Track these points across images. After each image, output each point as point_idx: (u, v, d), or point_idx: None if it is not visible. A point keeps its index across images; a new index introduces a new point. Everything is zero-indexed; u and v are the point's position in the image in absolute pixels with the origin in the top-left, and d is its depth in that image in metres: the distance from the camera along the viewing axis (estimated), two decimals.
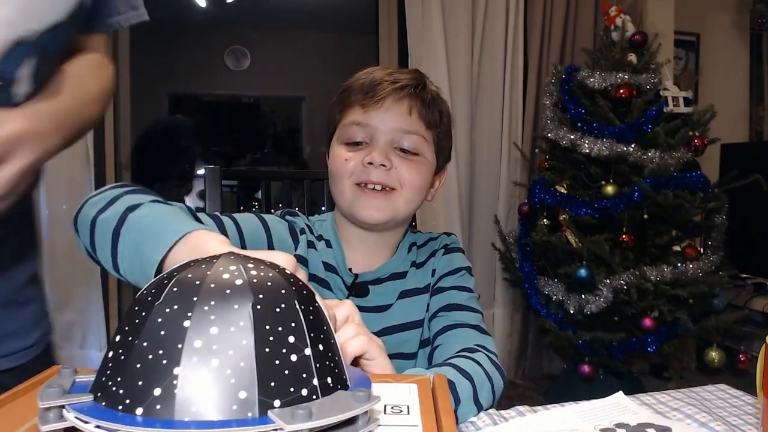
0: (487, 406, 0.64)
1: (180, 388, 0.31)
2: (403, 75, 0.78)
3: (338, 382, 0.36)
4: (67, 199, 1.97)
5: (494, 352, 0.71)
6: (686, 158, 1.97)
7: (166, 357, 0.32)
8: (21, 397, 0.40)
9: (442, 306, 0.79)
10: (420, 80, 0.78)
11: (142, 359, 0.32)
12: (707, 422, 0.58)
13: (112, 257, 0.54)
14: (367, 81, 0.77)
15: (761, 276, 2.58)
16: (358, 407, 0.32)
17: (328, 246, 0.80)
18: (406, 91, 0.76)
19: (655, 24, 2.54)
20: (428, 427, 0.35)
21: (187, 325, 0.32)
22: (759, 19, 3.15)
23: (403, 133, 0.75)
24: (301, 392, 0.33)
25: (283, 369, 0.32)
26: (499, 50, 2.46)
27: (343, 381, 0.37)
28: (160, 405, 0.31)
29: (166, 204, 0.58)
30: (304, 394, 0.33)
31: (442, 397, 0.40)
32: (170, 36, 4.20)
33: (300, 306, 0.35)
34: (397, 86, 0.75)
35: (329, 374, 0.35)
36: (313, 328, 0.35)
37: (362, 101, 0.75)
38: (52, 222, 1.94)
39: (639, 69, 2.05)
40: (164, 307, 0.33)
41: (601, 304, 1.88)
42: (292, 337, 0.33)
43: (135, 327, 0.33)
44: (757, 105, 3.36)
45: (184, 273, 0.35)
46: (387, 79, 0.76)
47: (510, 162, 2.50)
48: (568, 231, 1.99)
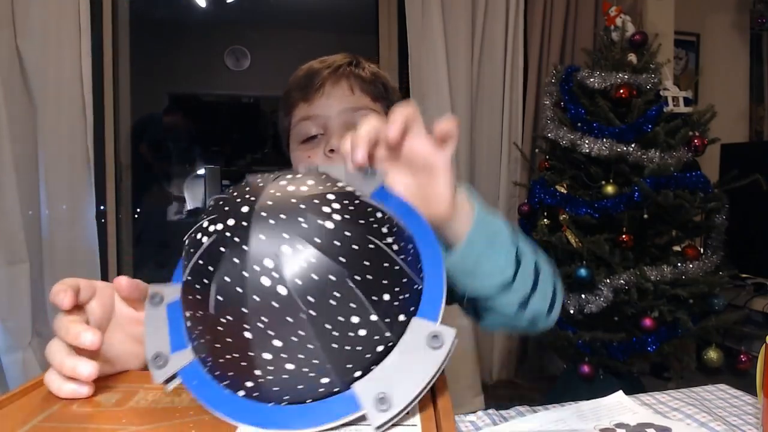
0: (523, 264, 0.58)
1: (267, 385, 0.34)
2: (335, 58, 0.77)
3: (411, 304, 0.36)
4: (67, 199, 1.96)
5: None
6: (686, 158, 1.96)
7: (243, 360, 0.34)
8: (20, 399, 0.40)
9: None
10: (353, 59, 0.78)
11: (222, 356, 0.35)
12: (707, 422, 0.58)
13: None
14: (302, 75, 0.76)
15: (761, 276, 2.58)
16: (434, 362, 0.33)
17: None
18: (341, 71, 0.75)
19: (655, 24, 2.53)
20: (427, 427, 0.35)
21: (249, 337, 0.33)
22: (759, 19, 3.15)
23: (352, 112, 0.73)
24: (376, 350, 0.34)
25: (355, 346, 0.33)
26: (499, 50, 2.45)
27: (415, 295, 0.36)
28: (257, 393, 0.34)
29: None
30: (380, 350, 0.34)
31: (441, 397, 0.40)
32: (170, 36, 4.20)
33: (354, 279, 0.33)
34: (331, 70, 0.75)
35: (400, 311, 0.35)
36: (374, 288, 0.34)
37: (303, 96, 0.75)
38: (52, 222, 1.94)
39: (639, 69, 2.05)
40: (224, 310, 0.33)
41: (601, 304, 1.88)
42: (355, 317, 0.33)
43: (207, 304, 0.34)
44: (757, 105, 3.35)
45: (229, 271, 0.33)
46: (319, 66, 0.76)
47: (510, 162, 2.50)
48: (568, 231, 1.99)
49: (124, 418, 0.37)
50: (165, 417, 0.37)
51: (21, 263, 1.87)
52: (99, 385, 0.42)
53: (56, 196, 1.95)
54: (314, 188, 0.35)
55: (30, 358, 1.90)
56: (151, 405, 0.39)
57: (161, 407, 0.39)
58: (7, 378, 1.87)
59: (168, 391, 0.40)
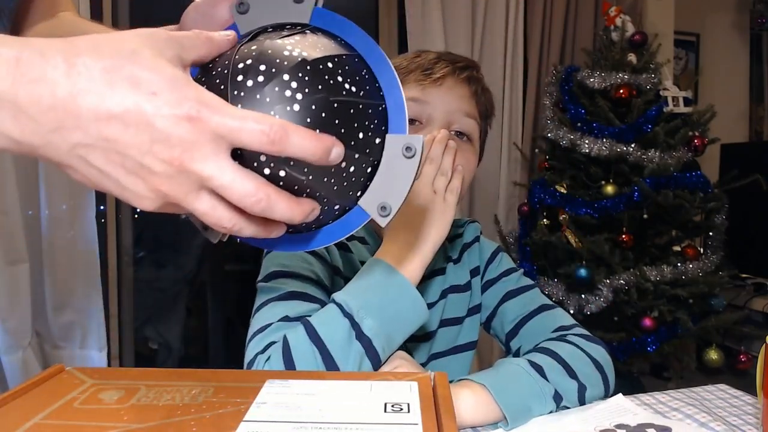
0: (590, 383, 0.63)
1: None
2: (459, 57, 0.74)
3: (381, 125, 0.40)
4: (67, 199, 1.96)
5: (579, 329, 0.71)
6: (686, 158, 1.97)
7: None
8: (21, 397, 0.40)
9: (501, 297, 0.78)
10: (476, 66, 0.75)
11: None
12: (707, 422, 0.58)
13: None
14: (423, 60, 0.72)
15: (761, 276, 2.58)
16: (412, 167, 0.39)
17: (363, 243, 0.76)
18: (467, 73, 0.72)
19: (654, 24, 2.53)
20: (428, 426, 0.35)
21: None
22: (759, 19, 3.15)
23: (463, 115, 0.71)
24: (367, 172, 0.39)
25: (350, 178, 0.38)
26: (499, 50, 2.45)
27: (382, 116, 0.40)
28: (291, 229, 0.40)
29: None
30: (369, 171, 0.39)
31: (442, 396, 0.40)
32: None
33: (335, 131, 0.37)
34: (458, 66, 0.71)
35: (375, 136, 0.39)
36: (347, 137, 0.37)
37: (420, 79, 0.70)
38: (52, 222, 1.94)
39: (639, 69, 2.05)
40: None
41: (601, 304, 1.88)
42: (342, 163, 0.37)
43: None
44: (757, 105, 3.35)
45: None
46: (445, 58, 0.72)
47: (510, 162, 2.50)
48: (568, 231, 1.99)
49: (125, 415, 0.37)
50: (166, 415, 0.38)
51: (21, 263, 1.87)
52: (100, 383, 0.42)
53: (56, 196, 1.95)
54: (270, 74, 0.36)
55: (30, 358, 1.90)
56: (153, 403, 0.39)
57: (162, 405, 0.39)
58: (7, 378, 1.87)
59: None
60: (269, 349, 0.58)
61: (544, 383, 0.60)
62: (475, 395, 0.57)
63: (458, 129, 0.71)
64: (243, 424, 0.36)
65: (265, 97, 0.35)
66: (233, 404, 0.39)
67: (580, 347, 0.66)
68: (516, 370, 0.61)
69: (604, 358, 0.66)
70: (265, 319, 0.62)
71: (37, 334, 1.94)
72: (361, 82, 0.39)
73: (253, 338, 0.60)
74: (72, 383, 0.43)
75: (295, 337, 0.57)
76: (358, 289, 0.59)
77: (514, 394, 0.58)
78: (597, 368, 0.65)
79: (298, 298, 0.64)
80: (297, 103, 0.35)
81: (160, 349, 2.43)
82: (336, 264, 0.72)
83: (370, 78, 0.40)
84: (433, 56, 0.72)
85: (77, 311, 2.01)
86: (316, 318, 0.58)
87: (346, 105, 0.37)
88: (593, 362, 0.65)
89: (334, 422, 0.36)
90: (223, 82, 0.35)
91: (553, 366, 0.62)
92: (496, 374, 0.60)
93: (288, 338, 0.57)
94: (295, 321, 0.60)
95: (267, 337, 0.60)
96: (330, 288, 0.69)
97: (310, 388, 0.42)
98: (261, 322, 0.62)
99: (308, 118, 0.35)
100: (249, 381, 0.43)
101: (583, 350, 0.66)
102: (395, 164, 0.39)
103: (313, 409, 0.38)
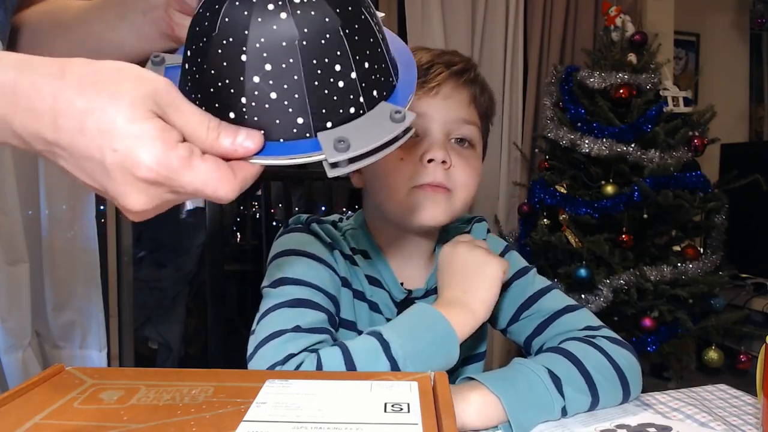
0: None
1: (248, 115, 0.38)
2: (455, 58, 0.70)
3: (384, 89, 0.41)
4: (67, 199, 1.96)
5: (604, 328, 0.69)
6: (686, 158, 1.97)
7: (232, 87, 0.37)
8: (21, 397, 0.40)
9: (522, 302, 0.74)
10: (473, 65, 0.71)
11: (213, 84, 0.38)
12: (707, 422, 0.58)
13: None
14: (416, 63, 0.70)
15: (761, 276, 2.58)
16: (392, 129, 0.38)
17: (366, 257, 0.72)
18: (465, 77, 0.68)
19: (654, 24, 2.54)
20: (428, 426, 0.35)
21: (244, 60, 0.36)
22: (759, 19, 3.15)
23: (462, 123, 0.68)
24: (349, 111, 0.39)
25: (332, 96, 0.38)
26: (499, 50, 2.45)
27: (389, 84, 0.42)
28: (239, 123, 0.38)
29: None
30: (352, 112, 0.39)
31: (442, 396, 0.40)
32: None
33: (345, 31, 0.38)
34: (454, 70, 0.67)
35: (375, 87, 0.40)
36: (358, 49, 0.38)
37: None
38: (52, 222, 1.94)
39: (639, 69, 2.05)
40: (220, 38, 0.37)
41: (601, 304, 1.88)
42: (338, 65, 0.37)
43: (201, 50, 0.38)
44: (757, 105, 3.36)
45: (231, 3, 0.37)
46: (439, 61, 0.67)
47: (510, 162, 2.50)
48: (568, 231, 1.99)
49: (125, 415, 0.37)
50: (166, 414, 0.38)
51: (21, 263, 1.86)
52: (100, 383, 0.42)
53: (56, 196, 1.95)
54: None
55: (30, 358, 1.90)
56: (153, 403, 0.39)
57: (162, 405, 0.39)
58: (7, 378, 1.87)
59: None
60: (291, 360, 0.57)
61: (558, 398, 0.58)
62: (485, 401, 0.56)
63: (458, 136, 0.69)
64: (243, 424, 0.36)
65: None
66: (233, 404, 0.39)
67: (607, 353, 0.63)
68: (534, 382, 0.58)
69: (629, 364, 0.64)
70: (276, 324, 0.60)
71: (37, 334, 1.94)
72: (386, 47, 0.41)
73: (266, 343, 0.59)
74: (72, 383, 0.43)
75: (330, 361, 0.55)
76: (409, 333, 0.58)
77: (527, 409, 0.57)
78: (619, 378, 0.62)
79: (306, 306, 0.62)
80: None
81: (160, 349, 2.42)
82: (344, 275, 0.70)
83: (393, 63, 0.43)
84: (427, 59, 0.68)
85: (77, 311, 2.01)
86: (356, 346, 0.57)
87: (370, 29, 0.39)
88: (617, 372, 0.62)
89: (334, 422, 0.36)
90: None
91: (572, 378, 0.60)
92: (512, 385, 0.58)
93: (322, 359, 0.56)
94: (310, 333, 0.59)
95: (284, 346, 0.58)
96: (336, 297, 0.67)
97: (310, 388, 0.42)
98: (272, 327, 0.60)
99: (338, 9, 0.37)
100: (249, 381, 0.43)
101: (610, 357, 0.63)
102: (379, 120, 0.39)
103: (313, 409, 0.38)
